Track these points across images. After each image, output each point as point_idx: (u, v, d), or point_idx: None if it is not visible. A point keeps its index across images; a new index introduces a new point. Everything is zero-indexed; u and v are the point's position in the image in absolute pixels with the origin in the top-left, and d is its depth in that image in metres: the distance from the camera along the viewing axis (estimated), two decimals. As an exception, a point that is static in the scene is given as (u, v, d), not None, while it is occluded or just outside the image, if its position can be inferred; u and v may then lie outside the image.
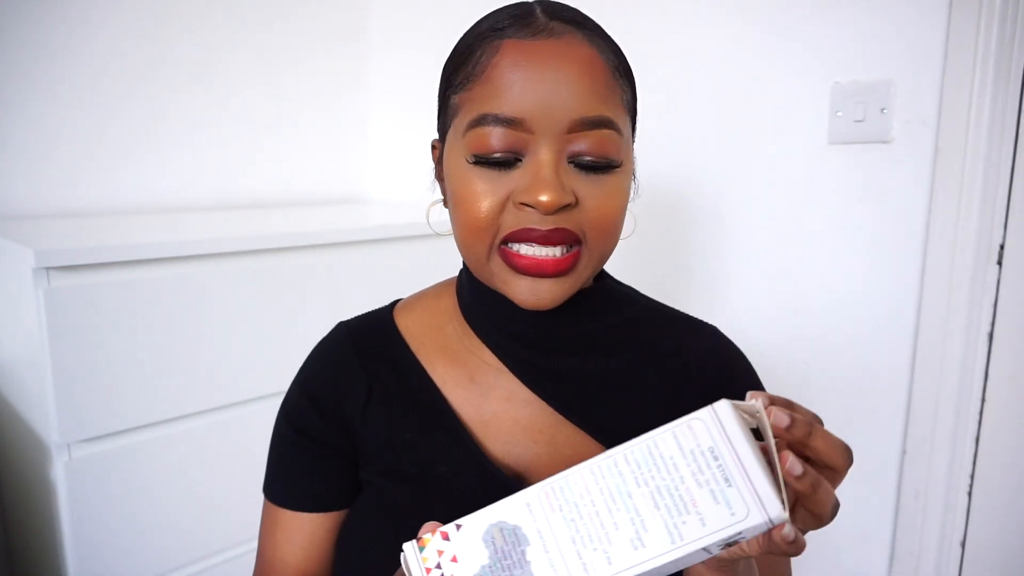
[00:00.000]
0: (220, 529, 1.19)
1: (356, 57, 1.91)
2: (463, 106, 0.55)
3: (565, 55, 0.53)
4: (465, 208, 0.54)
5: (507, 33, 0.54)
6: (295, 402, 0.66)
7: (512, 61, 0.53)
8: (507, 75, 0.52)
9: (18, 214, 1.39)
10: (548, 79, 0.52)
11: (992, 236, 1.08)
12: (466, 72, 0.55)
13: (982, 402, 1.12)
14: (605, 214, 0.54)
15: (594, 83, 0.53)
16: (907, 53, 1.09)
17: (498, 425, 0.62)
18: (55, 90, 1.40)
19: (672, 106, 1.34)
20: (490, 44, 0.54)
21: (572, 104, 0.52)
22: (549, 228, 0.52)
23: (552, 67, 0.52)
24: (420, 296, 0.70)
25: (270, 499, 0.66)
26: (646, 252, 1.39)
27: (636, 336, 0.65)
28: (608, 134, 0.53)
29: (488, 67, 0.54)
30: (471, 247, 0.56)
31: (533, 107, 0.52)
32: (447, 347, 0.65)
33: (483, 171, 0.54)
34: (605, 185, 0.54)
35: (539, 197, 0.51)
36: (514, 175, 0.53)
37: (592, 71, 0.53)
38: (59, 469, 1.01)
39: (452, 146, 0.57)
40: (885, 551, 1.20)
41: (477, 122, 0.53)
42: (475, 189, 0.54)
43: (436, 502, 0.60)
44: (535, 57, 0.52)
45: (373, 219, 1.51)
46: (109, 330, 1.03)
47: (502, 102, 0.52)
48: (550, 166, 0.52)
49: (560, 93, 0.52)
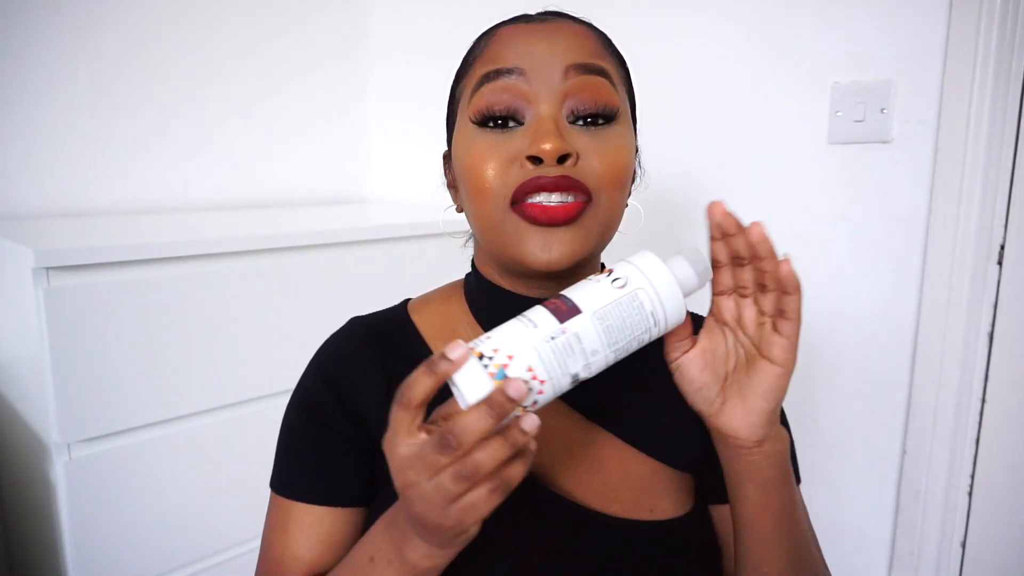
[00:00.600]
0: (220, 529, 1.19)
1: (357, 58, 1.91)
2: (467, 87, 0.59)
3: (557, 28, 0.58)
4: (473, 172, 0.56)
5: (503, 25, 0.60)
6: (312, 390, 0.64)
7: (509, 35, 0.58)
8: (504, 43, 0.57)
9: (18, 214, 1.39)
10: (543, 39, 0.56)
11: (992, 236, 1.08)
12: (466, 63, 0.61)
13: (982, 402, 1.11)
14: (609, 165, 0.56)
15: (587, 41, 0.58)
16: (907, 53, 1.09)
17: None
18: (56, 91, 1.41)
19: (672, 106, 1.34)
20: (487, 35, 0.60)
21: (568, 53, 0.56)
22: (557, 175, 0.54)
23: (546, 33, 0.57)
24: (429, 298, 0.70)
25: (282, 494, 0.63)
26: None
27: None
28: (603, 82, 0.57)
29: (487, 48, 0.59)
30: (484, 213, 0.57)
31: (530, 58, 0.55)
32: None
33: (487, 135, 0.56)
34: (606, 138, 0.57)
35: (542, 145, 0.53)
36: (517, 137, 0.56)
37: (584, 37, 0.58)
38: (59, 469, 1.01)
39: (460, 126, 0.60)
40: (885, 551, 1.20)
41: (479, 84, 0.57)
42: (481, 152, 0.56)
43: None
44: (530, 30, 0.57)
45: (373, 219, 1.51)
46: (109, 330, 1.03)
47: (500, 59, 0.57)
48: (550, 119, 0.55)
49: (556, 45, 0.56)
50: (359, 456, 0.62)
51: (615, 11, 1.33)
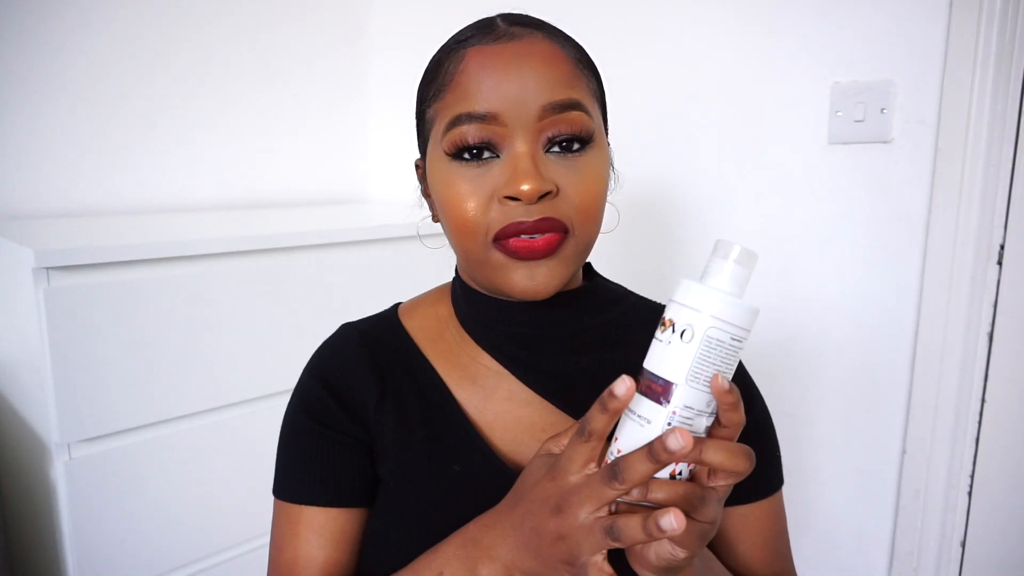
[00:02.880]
0: (220, 529, 1.19)
1: (356, 57, 1.91)
2: (438, 115, 0.58)
3: (527, 52, 0.55)
4: (453, 210, 0.56)
5: (470, 42, 0.57)
6: (312, 393, 0.65)
7: (478, 63, 0.55)
8: (475, 76, 0.55)
9: (18, 214, 1.39)
10: (514, 74, 0.54)
11: (992, 236, 1.08)
12: (436, 85, 0.58)
13: (982, 402, 1.11)
14: (587, 198, 0.56)
15: (559, 71, 0.55)
16: (907, 53, 1.09)
17: (503, 425, 0.63)
18: (55, 90, 1.40)
19: (672, 106, 1.34)
20: (456, 54, 0.57)
21: (541, 92, 0.54)
22: (536, 218, 0.54)
23: (516, 64, 0.54)
24: (418, 302, 0.71)
25: (289, 499, 0.63)
26: (646, 252, 1.39)
27: (628, 331, 0.66)
28: (578, 115, 0.55)
29: (456, 73, 0.56)
30: (466, 248, 0.57)
31: (503, 101, 0.54)
32: (448, 352, 0.66)
33: (464, 171, 0.56)
34: (583, 168, 0.56)
35: (520, 187, 0.53)
36: (494, 172, 0.55)
37: (555, 62, 0.56)
38: (59, 469, 1.01)
39: (433, 155, 0.59)
40: (885, 551, 1.20)
41: (453, 123, 0.55)
42: (459, 190, 0.55)
43: (450, 500, 0.60)
44: (499, 58, 0.55)
45: (373, 219, 1.51)
46: (109, 330, 1.03)
47: (473, 101, 0.54)
48: (527, 157, 0.54)
49: (527, 85, 0.54)
50: (362, 456, 0.63)
51: (615, 11, 1.33)
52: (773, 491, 0.68)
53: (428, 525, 0.60)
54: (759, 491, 0.67)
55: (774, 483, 0.68)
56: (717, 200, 1.31)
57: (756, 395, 0.69)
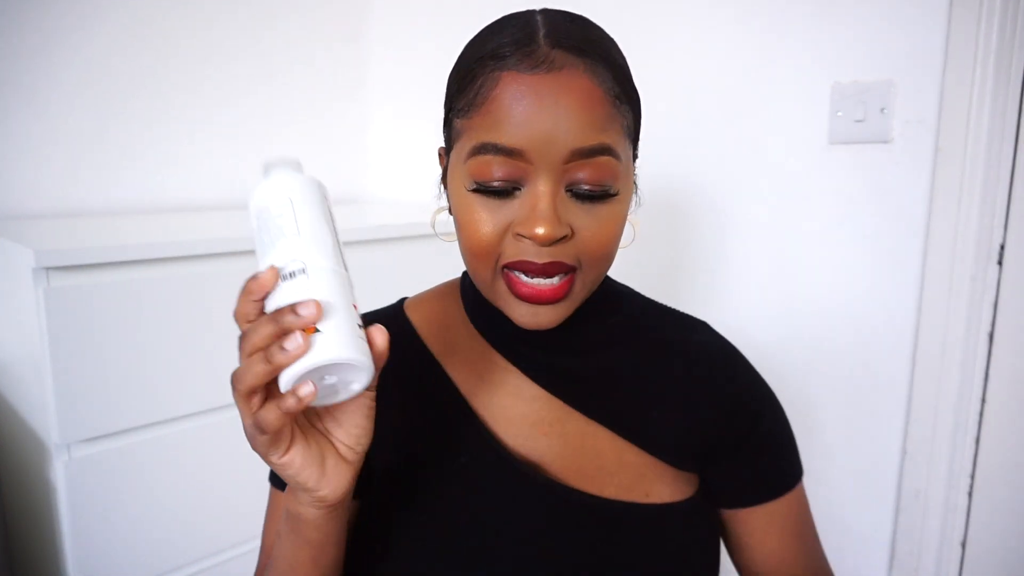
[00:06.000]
0: (220, 529, 1.19)
1: (356, 57, 1.91)
2: (464, 133, 0.56)
3: (564, 87, 0.52)
4: (468, 234, 0.56)
5: (508, 64, 0.54)
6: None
7: (512, 94, 0.53)
8: (507, 107, 0.53)
9: (18, 214, 1.39)
10: (547, 111, 0.52)
11: (992, 236, 1.08)
12: (467, 99, 0.56)
13: (982, 402, 1.11)
14: (600, 243, 0.56)
15: (593, 114, 0.53)
16: (907, 53, 1.09)
17: (508, 419, 0.63)
18: (55, 90, 1.40)
19: (672, 106, 1.34)
20: (491, 75, 0.54)
21: (571, 135, 0.52)
22: (545, 261, 0.54)
23: (551, 101, 0.52)
24: (425, 297, 0.72)
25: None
26: (646, 252, 1.39)
27: (635, 333, 0.67)
28: (607, 161, 0.54)
29: (488, 99, 0.54)
30: (476, 270, 0.58)
31: (532, 138, 0.52)
32: (456, 347, 0.66)
33: (483, 199, 0.55)
34: (601, 214, 0.55)
35: (535, 230, 0.52)
36: (514, 204, 0.54)
37: (591, 102, 0.53)
38: (59, 469, 1.01)
39: (455, 169, 0.58)
40: (885, 551, 1.20)
41: (478, 150, 0.54)
42: (476, 217, 0.55)
43: (455, 489, 0.61)
44: (534, 90, 0.52)
45: (373, 219, 1.51)
46: (109, 330, 1.03)
47: (501, 133, 0.53)
48: (547, 198, 0.53)
49: (559, 125, 0.52)
50: None
51: (614, 11, 1.32)
52: (791, 487, 0.68)
53: (433, 513, 0.60)
54: (777, 488, 0.67)
55: (792, 478, 0.68)
56: (717, 200, 1.31)
57: (766, 411, 0.68)
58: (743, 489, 0.67)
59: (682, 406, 0.65)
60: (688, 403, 0.65)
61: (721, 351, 0.69)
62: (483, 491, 0.60)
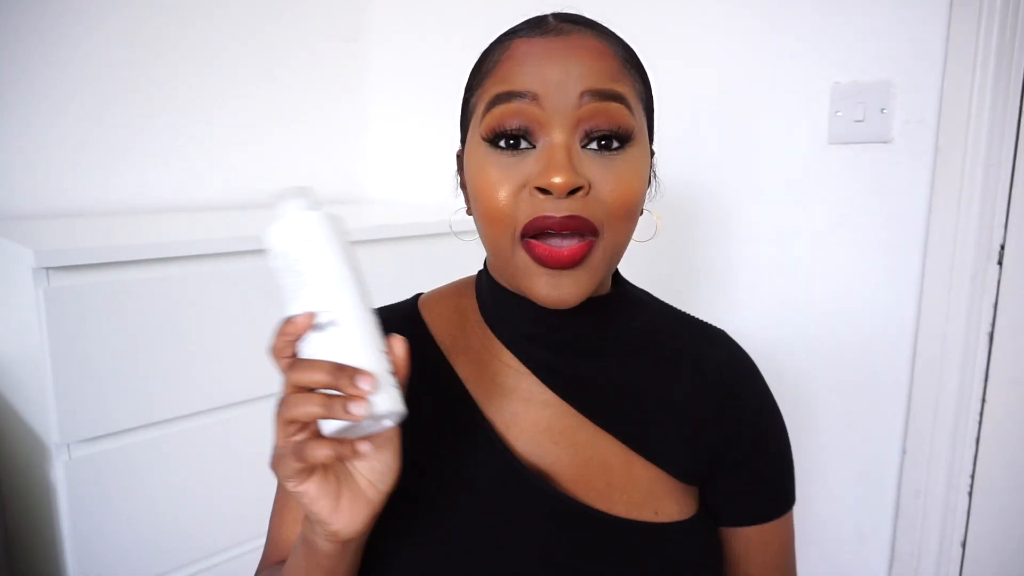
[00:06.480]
0: (220, 529, 1.19)
1: (355, 56, 1.91)
2: (480, 100, 0.58)
3: (575, 45, 0.55)
4: (483, 197, 0.56)
5: (519, 34, 0.57)
6: None
7: (523, 51, 0.55)
8: (518, 61, 0.55)
9: (18, 214, 1.39)
10: (559, 61, 0.54)
11: (992, 236, 1.08)
12: (481, 73, 0.59)
13: (982, 402, 1.11)
14: (620, 198, 0.55)
15: (604, 65, 0.55)
16: (907, 53, 1.09)
17: (519, 425, 0.62)
18: (54, 90, 1.40)
19: (672, 106, 1.34)
20: (502, 44, 0.58)
21: (583, 79, 0.54)
22: (564, 215, 0.53)
23: (562, 54, 0.54)
24: (440, 294, 0.71)
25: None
26: (646, 251, 1.39)
27: (653, 341, 0.66)
28: (619, 108, 0.54)
29: (500, 61, 0.57)
30: (494, 241, 0.57)
31: (544, 83, 0.54)
32: (468, 347, 0.65)
33: (499, 157, 0.55)
34: (619, 168, 0.55)
35: (552, 179, 0.52)
36: (528, 161, 0.54)
37: (602, 57, 0.55)
38: (58, 469, 1.01)
39: (472, 142, 0.59)
40: (885, 551, 1.20)
41: (492, 103, 0.55)
42: (492, 178, 0.55)
43: (460, 494, 0.60)
44: (546, 48, 0.55)
45: (373, 219, 1.51)
46: (109, 330, 1.03)
47: (514, 81, 0.55)
48: (563, 148, 0.53)
49: (570, 72, 0.54)
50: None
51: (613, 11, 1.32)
52: (783, 512, 0.68)
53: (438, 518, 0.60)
54: (770, 512, 0.67)
55: (784, 504, 0.68)
56: (717, 200, 1.31)
57: (770, 434, 0.68)
58: (735, 508, 0.66)
59: (689, 421, 0.64)
60: (695, 418, 0.64)
61: (733, 367, 0.68)
62: (489, 497, 0.59)
